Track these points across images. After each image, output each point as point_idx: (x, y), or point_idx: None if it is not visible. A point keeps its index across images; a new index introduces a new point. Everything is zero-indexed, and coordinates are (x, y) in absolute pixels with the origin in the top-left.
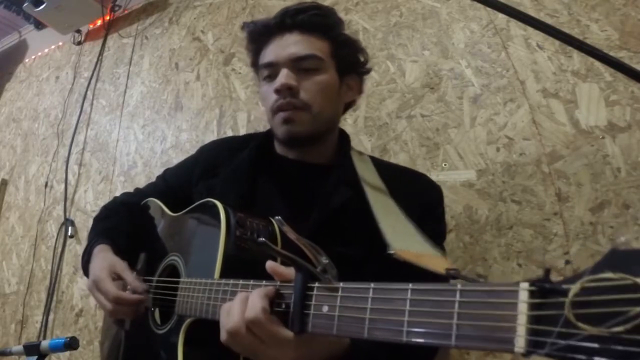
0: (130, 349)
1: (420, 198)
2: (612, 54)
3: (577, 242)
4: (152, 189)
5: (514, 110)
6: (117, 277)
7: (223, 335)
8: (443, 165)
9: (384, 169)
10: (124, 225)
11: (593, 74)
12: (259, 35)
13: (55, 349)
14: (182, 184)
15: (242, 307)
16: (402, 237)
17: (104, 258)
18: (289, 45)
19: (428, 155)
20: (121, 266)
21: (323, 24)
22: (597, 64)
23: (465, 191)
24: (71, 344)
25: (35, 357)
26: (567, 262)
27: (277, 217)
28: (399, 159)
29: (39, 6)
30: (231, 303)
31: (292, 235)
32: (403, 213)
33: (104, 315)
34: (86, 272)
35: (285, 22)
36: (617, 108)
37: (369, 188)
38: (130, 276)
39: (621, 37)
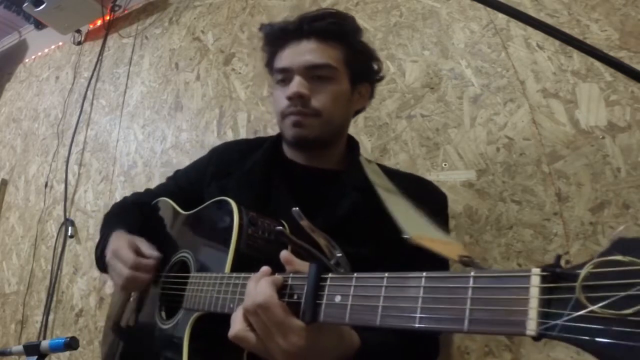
0: (134, 343)
1: (427, 204)
2: (612, 54)
3: (577, 242)
4: (163, 189)
5: (514, 110)
6: (135, 249)
7: (236, 325)
8: (443, 165)
9: (392, 175)
10: (136, 222)
11: (593, 74)
12: (276, 38)
13: (55, 349)
14: (193, 185)
15: (252, 289)
16: (415, 224)
17: (122, 236)
18: (305, 52)
19: (428, 155)
20: (140, 240)
21: (340, 31)
22: (597, 64)
23: (465, 191)
24: (71, 344)
25: (35, 357)
26: (567, 262)
27: (295, 209)
28: (399, 159)
29: (39, 6)
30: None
31: (309, 227)
32: (415, 208)
33: (108, 311)
34: (100, 265)
35: (302, 29)
36: (617, 108)
37: (382, 189)
38: (145, 246)
39: (621, 37)
